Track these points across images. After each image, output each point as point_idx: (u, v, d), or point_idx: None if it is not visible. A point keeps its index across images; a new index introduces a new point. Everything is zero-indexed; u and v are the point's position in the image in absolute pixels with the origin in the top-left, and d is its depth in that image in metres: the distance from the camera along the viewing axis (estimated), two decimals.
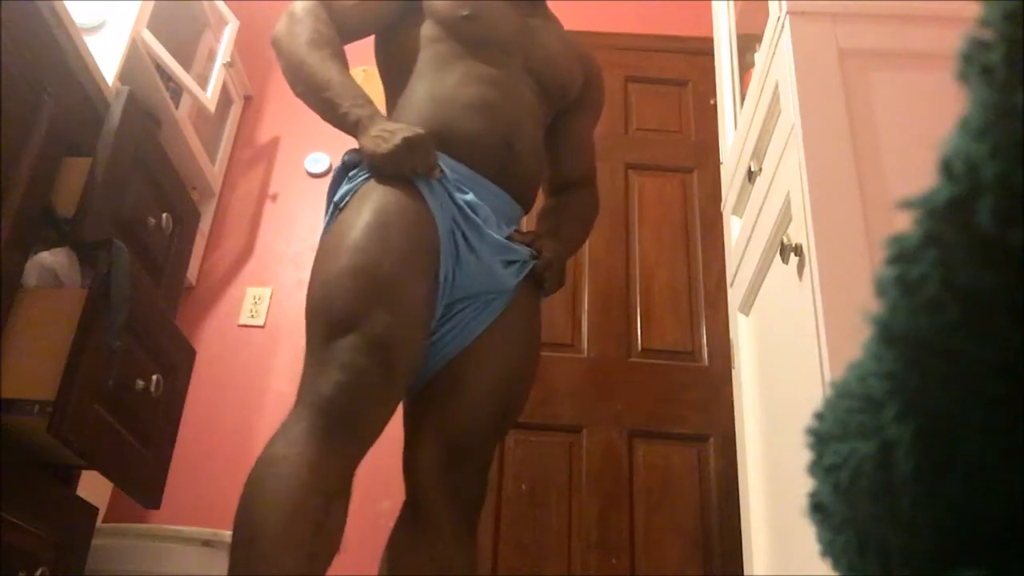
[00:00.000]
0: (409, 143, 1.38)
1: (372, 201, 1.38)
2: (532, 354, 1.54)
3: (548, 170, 1.75)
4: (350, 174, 1.47)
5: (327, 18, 1.55)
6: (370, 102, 1.47)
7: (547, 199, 1.77)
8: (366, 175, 1.44)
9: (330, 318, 1.29)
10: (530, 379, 1.53)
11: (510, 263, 1.47)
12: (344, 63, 1.52)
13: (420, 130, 1.41)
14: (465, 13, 1.57)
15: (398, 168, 1.39)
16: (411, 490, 1.41)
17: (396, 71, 1.61)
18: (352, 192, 1.43)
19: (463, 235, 1.41)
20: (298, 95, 1.52)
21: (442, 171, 1.43)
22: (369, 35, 1.67)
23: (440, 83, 1.53)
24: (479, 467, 1.42)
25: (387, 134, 1.40)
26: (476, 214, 1.43)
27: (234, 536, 1.16)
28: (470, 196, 1.44)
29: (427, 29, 1.59)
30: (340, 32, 1.57)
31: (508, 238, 1.49)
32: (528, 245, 1.52)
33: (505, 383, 1.46)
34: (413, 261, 1.33)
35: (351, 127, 1.44)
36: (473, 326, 1.44)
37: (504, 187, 1.51)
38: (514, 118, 1.53)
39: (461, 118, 1.49)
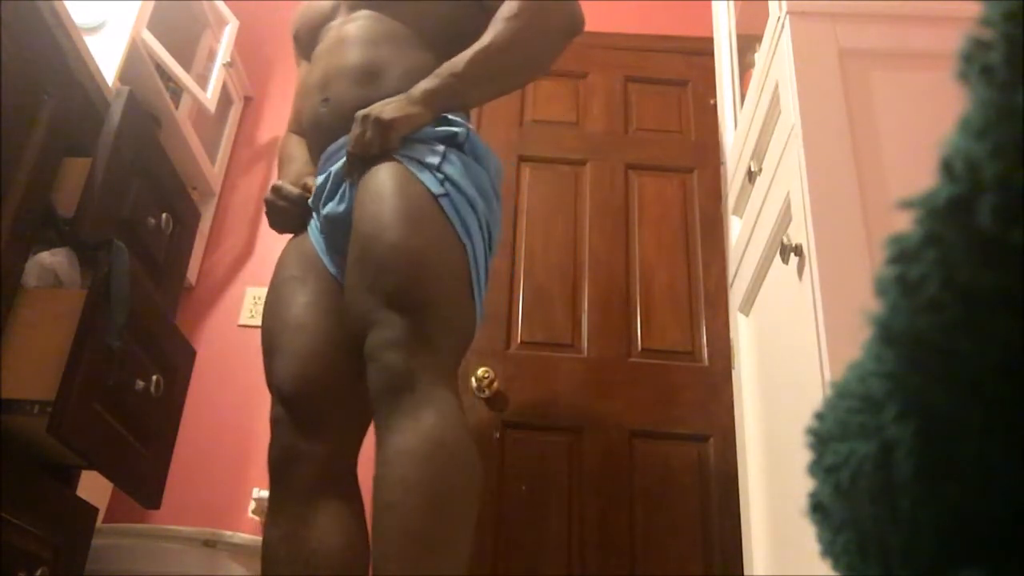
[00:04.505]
0: (266, 202, 1.63)
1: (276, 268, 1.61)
2: (385, 214, 1.34)
3: None
4: None
5: (285, 140, 1.81)
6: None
7: None
8: None
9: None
10: (390, 234, 1.31)
11: (335, 191, 1.52)
12: (299, 160, 1.70)
13: (275, 183, 1.63)
14: (295, 29, 1.78)
15: (279, 226, 1.64)
16: None
17: None
18: None
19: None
20: None
21: (311, 190, 1.58)
22: None
23: None
24: (375, 355, 1.25)
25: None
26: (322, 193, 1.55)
27: None
28: (318, 181, 1.57)
29: None
30: None
31: None
32: None
33: (361, 254, 1.34)
34: (299, 293, 1.49)
35: None
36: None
37: (343, 133, 1.52)
38: (328, 71, 1.58)
39: (305, 127, 1.66)
